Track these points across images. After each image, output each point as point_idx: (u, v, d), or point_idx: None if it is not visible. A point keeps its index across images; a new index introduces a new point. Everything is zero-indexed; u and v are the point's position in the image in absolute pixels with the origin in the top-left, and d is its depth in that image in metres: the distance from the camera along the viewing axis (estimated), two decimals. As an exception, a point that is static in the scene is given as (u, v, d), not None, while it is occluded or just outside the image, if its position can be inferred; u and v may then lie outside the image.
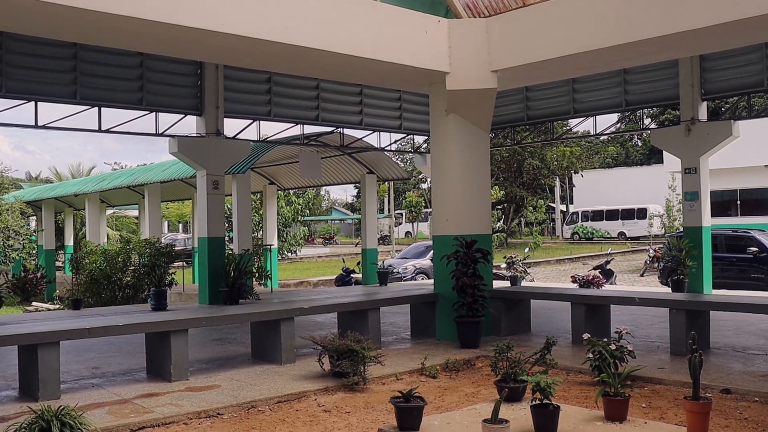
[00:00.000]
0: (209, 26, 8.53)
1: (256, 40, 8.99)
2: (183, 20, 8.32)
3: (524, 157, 44.82)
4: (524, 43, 10.60)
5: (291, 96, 17.38)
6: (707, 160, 16.32)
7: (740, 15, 8.45)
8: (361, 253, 22.51)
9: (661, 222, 41.59)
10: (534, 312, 12.25)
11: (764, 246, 20.32)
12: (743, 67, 15.58)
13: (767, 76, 15.29)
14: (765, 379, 8.08)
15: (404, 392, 5.92)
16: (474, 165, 11.58)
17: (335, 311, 10.86)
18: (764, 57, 15.17)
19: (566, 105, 18.62)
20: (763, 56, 15.17)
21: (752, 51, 15.19)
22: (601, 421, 5.93)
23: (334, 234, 68.36)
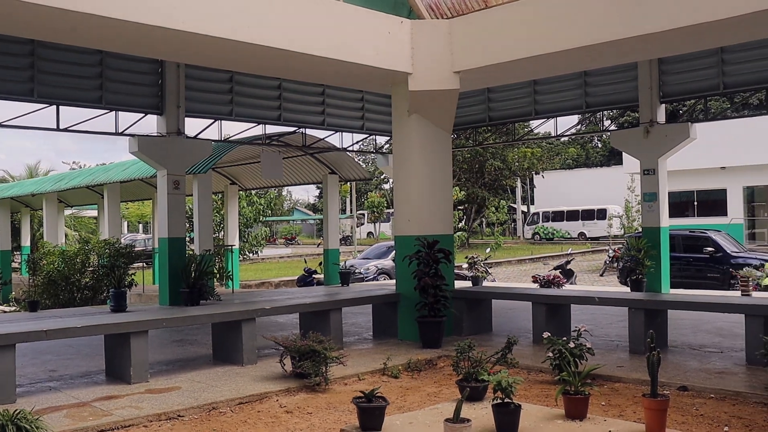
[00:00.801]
0: (170, 25, 8.44)
1: (218, 39, 8.92)
2: (143, 18, 8.22)
3: (486, 157, 45.09)
4: (486, 45, 10.66)
5: (253, 96, 17.29)
6: (665, 162, 16.55)
7: (698, 20, 8.62)
8: (323, 253, 22.45)
9: (621, 222, 42.08)
10: (495, 312, 12.32)
11: (720, 246, 20.68)
12: (700, 71, 15.83)
13: (723, 80, 15.55)
14: (720, 376, 8.22)
15: (366, 392, 5.92)
16: (436, 165, 11.61)
17: (297, 312, 10.81)
18: (720, 61, 15.43)
19: (527, 106, 18.76)
20: (720, 60, 15.43)
21: (709, 55, 15.45)
22: (561, 419, 5.98)
23: (295, 234, 68.08)
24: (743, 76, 15.41)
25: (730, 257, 20.27)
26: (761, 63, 15.00)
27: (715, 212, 33.70)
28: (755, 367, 8.46)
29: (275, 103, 17.73)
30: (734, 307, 9.75)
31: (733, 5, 8.34)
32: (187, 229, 20.26)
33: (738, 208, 33.75)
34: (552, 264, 26.82)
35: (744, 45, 14.59)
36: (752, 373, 8.34)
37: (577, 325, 7.99)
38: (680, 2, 8.72)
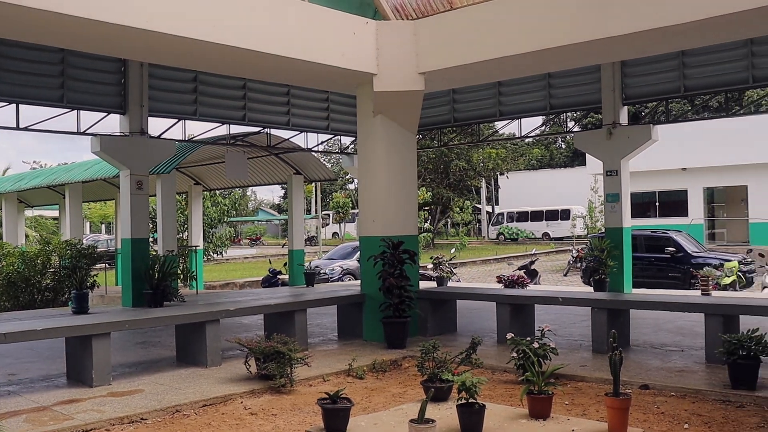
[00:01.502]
0: (134, 24, 8.34)
1: (182, 38, 8.84)
2: (106, 17, 8.11)
3: (451, 158, 45.26)
4: (451, 46, 10.70)
5: (217, 95, 17.18)
6: (628, 163, 16.76)
7: (660, 23, 8.72)
8: (288, 254, 22.37)
9: (584, 223, 42.52)
10: (460, 312, 12.36)
11: (681, 246, 20.99)
12: (662, 74, 16.05)
13: (684, 82, 15.78)
14: (681, 374, 8.34)
15: (331, 393, 5.91)
16: (401, 166, 11.63)
17: (261, 313, 10.76)
18: (681, 64, 15.67)
19: (492, 108, 18.86)
20: (681, 64, 15.66)
21: (670, 58, 15.67)
22: (525, 418, 6.03)
23: (260, 235, 67.78)
24: (703, 79, 15.66)
25: (690, 257, 20.58)
26: (720, 66, 15.26)
27: (677, 213, 34.18)
28: (714, 365, 8.59)
29: (240, 103, 17.64)
30: (694, 307, 9.91)
31: (694, 10, 8.46)
32: (151, 230, 20.07)
33: (698, 208, 34.26)
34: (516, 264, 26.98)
35: (704, 49, 14.84)
36: (711, 371, 8.46)
37: (541, 325, 8.05)
38: (643, 6, 8.83)
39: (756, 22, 8.82)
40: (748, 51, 14.78)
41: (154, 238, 21.95)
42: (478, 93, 18.91)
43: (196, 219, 24.85)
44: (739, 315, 9.17)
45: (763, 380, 7.71)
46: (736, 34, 10.69)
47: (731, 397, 7.37)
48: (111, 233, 49.80)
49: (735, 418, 6.71)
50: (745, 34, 11.85)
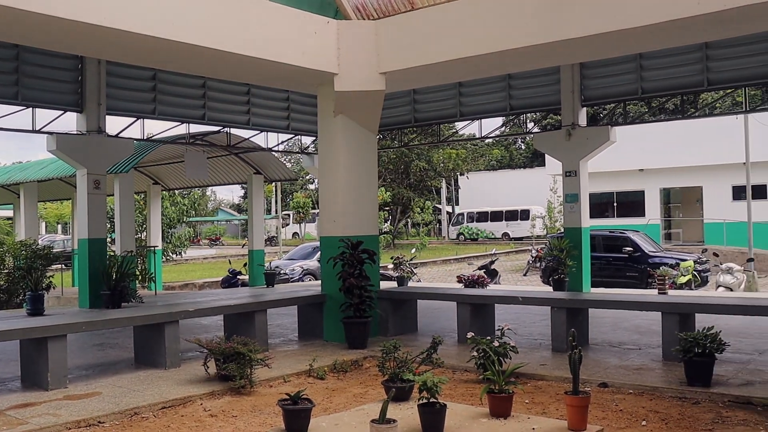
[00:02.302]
0: (91, 20, 8.21)
1: (140, 35, 8.72)
2: (62, 12, 7.96)
3: (411, 158, 45.35)
4: (412, 47, 10.71)
5: (177, 94, 17.01)
6: (586, 164, 16.95)
7: (618, 26, 8.85)
8: (248, 254, 22.24)
9: (543, 223, 42.91)
10: (421, 312, 12.39)
11: (638, 246, 21.29)
12: (620, 76, 16.27)
13: (641, 85, 16.01)
14: (638, 372, 8.44)
15: (292, 394, 5.88)
16: (361, 166, 11.62)
17: (221, 313, 10.68)
18: (639, 67, 15.89)
19: (453, 108, 18.94)
20: (638, 66, 15.88)
21: (628, 61, 15.88)
22: (486, 417, 6.05)
23: (220, 235, 67.25)
24: (660, 82, 15.90)
25: (647, 257, 20.89)
26: (677, 69, 15.51)
27: (634, 213, 34.63)
28: (671, 363, 8.71)
29: (199, 102, 17.49)
30: (651, 305, 10.08)
31: (651, 13, 8.60)
32: (108, 230, 19.80)
33: (655, 208, 34.74)
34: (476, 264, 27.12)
35: (661, 52, 15.10)
36: (668, 368, 8.58)
37: (501, 324, 8.10)
38: (601, 9, 8.94)
39: (709, 26, 8.99)
40: (703, 55, 15.04)
41: (112, 239, 21.70)
42: (438, 93, 18.97)
43: (154, 219, 24.58)
44: (695, 313, 9.33)
45: (718, 377, 7.84)
46: (691, 38, 10.89)
47: (687, 393, 7.48)
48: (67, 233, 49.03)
49: (691, 415, 6.82)
50: (699, 39, 12.08)
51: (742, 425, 6.47)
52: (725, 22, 8.72)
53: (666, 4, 8.49)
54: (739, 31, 10.53)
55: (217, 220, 75.35)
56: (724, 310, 9.43)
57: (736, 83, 15.43)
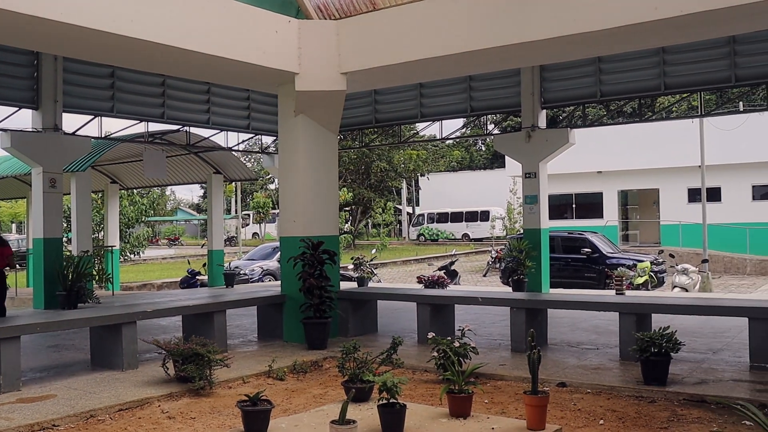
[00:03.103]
0: (47, 15, 8.04)
1: (98, 32, 8.58)
2: (17, 6, 7.80)
3: (372, 159, 45.37)
4: (374, 47, 10.71)
5: (135, 92, 16.81)
6: (546, 166, 17.11)
7: (577, 30, 8.95)
8: (207, 254, 22.08)
9: (503, 224, 43.19)
10: (381, 312, 12.39)
11: (596, 247, 21.54)
12: (579, 79, 16.46)
13: (600, 88, 16.21)
14: (596, 371, 8.53)
15: (251, 395, 5.84)
16: (322, 166, 11.58)
17: (180, 314, 10.57)
18: (598, 71, 16.09)
19: (414, 109, 18.99)
20: (597, 70, 16.08)
21: (587, 64, 16.07)
22: (446, 417, 6.07)
23: (179, 235, 66.66)
24: (618, 86, 16.12)
25: (605, 258, 21.14)
26: (635, 73, 15.74)
27: (592, 214, 35.00)
28: (628, 362, 8.81)
29: (159, 100, 17.30)
30: (609, 306, 10.20)
31: (610, 18, 8.71)
32: (65, 230, 19.52)
33: (613, 210, 35.16)
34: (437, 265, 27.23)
35: (619, 56, 15.31)
36: (625, 368, 8.69)
37: (461, 324, 8.12)
38: (561, 13, 9.02)
39: (666, 31, 9.15)
40: (660, 59, 15.28)
41: (68, 238, 21.36)
42: (399, 94, 19.01)
43: (112, 218, 24.26)
44: (651, 313, 9.46)
45: (674, 376, 7.96)
46: (649, 42, 11.03)
47: (644, 392, 7.58)
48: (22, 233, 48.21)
49: (647, 413, 6.91)
50: (657, 43, 12.24)
51: (697, 423, 6.58)
52: (681, 27, 8.87)
53: (624, 9, 8.61)
54: (695, 36, 10.73)
55: (177, 219, 74.65)
56: (680, 310, 9.61)
57: (691, 88, 15.72)
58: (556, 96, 17.01)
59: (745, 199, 31.54)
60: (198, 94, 18.14)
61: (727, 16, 8.36)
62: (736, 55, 14.57)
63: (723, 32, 11.30)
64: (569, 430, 6.41)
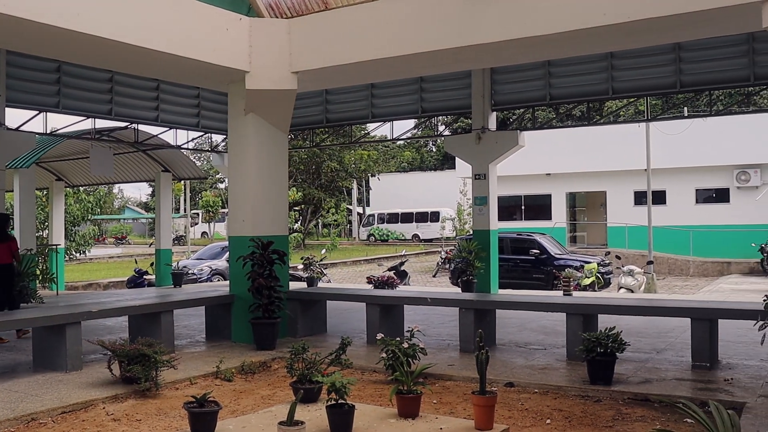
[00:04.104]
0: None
1: (44, 25, 8.39)
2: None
3: (323, 159, 45.25)
4: (325, 47, 10.68)
5: (82, 87, 16.48)
6: (495, 167, 17.25)
7: (528, 33, 9.06)
8: (155, 253, 21.82)
9: (453, 225, 43.40)
10: (330, 313, 12.36)
11: (545, 248, 21.80)
12: (529, 82, 16.63)
13: (550, 91, 16.39)
14: (544, 371, 8.63)
15: (198, 397, 5.78)
16: (272, 165, 11.51)
17: (126, 314, 10.41)
18: (548, 74, 16.27)
19: (365, 109, 18.98)
20: (547, 73, 16.27)
21: (537, 68, 16.25)
22: (394, 418, 6.08)
23: (126, 234, 65.70)
24: (567, 89, 16.33)
25: (553, 259, 21.41)
26: (583, 78, 15.96)
27: (541, 216, 35.36)
28: (575, 362, 8.92)
29: (106, 97, 17.00)
30: (556, 306, 10.32)
31: (560, 22, 8.84)
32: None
33: (561, 212, 35.59)
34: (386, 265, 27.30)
35: (569, 60, 15.52)
36: (572, 368, 8.80)
37: (411, 325, 8.14)
38: (513, 16, 9.11)
39: (615, 37, 9.32)
40: (608, 64, 15.52)
41: (11, 236, 20.86)
42: (351, 94, 18.99)
43: (57, 216, 23.82)
44: (598, 314, 9.60)
45: (619, 375, 8.08)
46: (597, 47, 11.25)
47: (590, 392, 7.69)
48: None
49: (593, 412, 7.01)
50: (606, 48, 12.48)
51: (641, 421, 6.69)
52: (629, 33, 9.04)
53: (574, 14, 8.75)
54: (642, 42, 10.93)
55: (124, 218, 73.59)
56: (625, 310, 9.77)
57: (638, 93, 15.99)
58: (506, 98, 17.16)
59: (689, 202, 32.21)
60: (147, 91, 17.87)
61: (673, 23, 8.56)
62: (681, 62, 14.87)
63: (669, 39, 11.54)
64: (516, 429, 6.47)
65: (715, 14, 8.20)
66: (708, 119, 23.40)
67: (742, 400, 7.00)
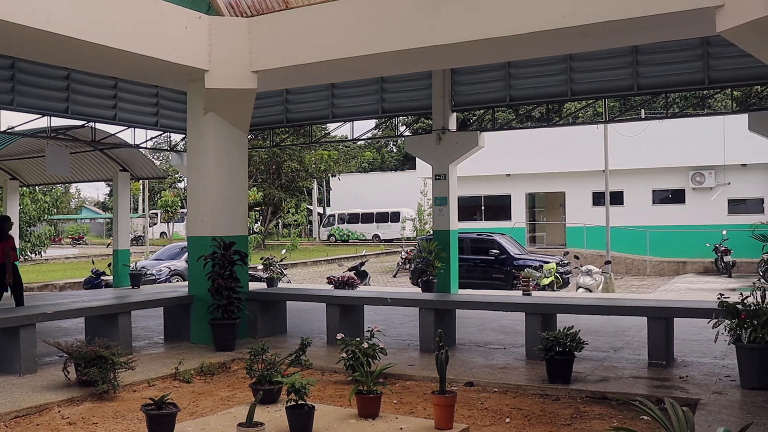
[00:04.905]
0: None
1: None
2: None
3: (283, 159, 45.08)
4: (285, 46, 10.64)
5: (38, 85, 16.19)
6: (455, 168, 17.32)
7: (489, 34, 9.13)
8: (113, 254, 21.54)
9: (413, 225, 43.51)
10: (290, 313, 12.31)
11: (504, 248, 21.95)
12: (489, 83, 16.72)
13: (510, 92, 16.50)
14: (503, 371, 8.69)
15: (156, 399, 5.72)
16: (231, 165, 11.43)
17: (82, 316, 10.25)
18: (508, 75, 16.37)
19: (325, 109, 18.93)
20: (507, 74, 16.36)
21: (498, 69, 16.33)
22: (355, 418, 6.08)
23: (83, 234, 64.78)
24: (527, 91, 16.45)
25: (513, 259, 21.57)
26: (543, 79, 16.09)
27: (501, 216, 35.61)
28: (534, 362, 8.99)
29: (62, 95, 16.72)
30: (516, 306, 10.41)
31: (521, 24, 8.93)
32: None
33: (521, 212, 35.87)
34: (347, 265, 27.26)
35: (529, 62, 15.65)
36: (531, 367, 8.87)
37: (371, 325, 8.14)
38: (474, 17, 9.16)
39: (574, 39, 9.44)
40: (567, 66, 15.67)
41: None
42: (311, 94, 18.92)
43: (12, 216, 23.38)
44: (556, 313, 9.70)
45: (577, 374, 8.17)
46: (557, 49, 11.35)
47: (549, 391, 7.76)
48: None
49: (552, 411, 7.08)
50: (565, 50, 12.60)
51: (598, 419, 6.77)
52: (587, 35, 9.15)
53: (533, 16, 8.84)
54: (600, 44, 11.08)
55: (81, 218, 72.56)
56: (584, 310, 9.87)
57: (597, 94, 16.18)
58: (466, 99, 17.24)
59: (646, 203, 32.69)
60: (104, 89, 17.62)
61: (630, 26, 8.69)
62: (639, 65, 15.07)
63: (627, 42, 11.69)
64: (476, 428, 6.51)
65: (671, 18, 8.35)
66: (664, 121, 23.74)
67: (696, 397, 7.13)
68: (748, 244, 26.30)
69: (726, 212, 31.32)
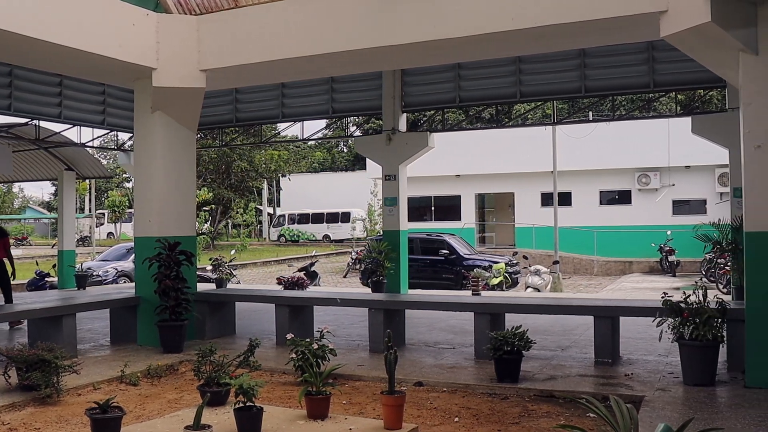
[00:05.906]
0: None
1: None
2: None
3: (233, 158, 44.71)
4: (234, 45, 10.55)
5: (-22, 82, 15.84)
6: (406, 168, 17.38)
7: (440, 35, 9.20)
8: (58, 255, 21.13)
9: (364, 225, 43.52)
10: (240, 314, 12.22)
11: (454, 248, 22.09)
12: (439, 84, 16.82)
13: (459, 94, 16.62)
14: (452, 370, 8.73)
15: (101, 402, 5.62)
16: (179, 165, 11.30)
17: (25, 318, 10.03)
18: (457, 77, 16.49)
19: (275, 109, 18.84)
20: (457, 76, 16.48)
21: (448, 70, 16.44)
22: (304, 419, 6.05)
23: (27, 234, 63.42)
24: (477, 92, 16.59)
25: (462, 259, 21.72)
26: (492, 81, 16.25)
27: (451, 217, 35.79)
28: (483, 361, 9.06)
29: (5, 91, 16.36)
30: (465, 306, 10.50)
31: (471, 25, 9.00)
32: None
33: (470, 213, 36.10)
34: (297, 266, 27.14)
35: (478, 63, 15.78)
36: (480, 366, 8.93)
37: (320, 326, 8.12)
38: (425, 19, 9.21)
39: (523, 41, 9.55)
40: (516, 68, 15.84)
41: None
42: (261, 93, 18.81)
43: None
44: (505, 313, 9.78)
45: (525, 373, 8.25)
46: (507, 50, 11.47)
47: (497, 390, 7.82)
48: None
49: (500, 409, 7.14)
50: (515, 52, 12.72)
51: (546, 417, 6.85)
52: (536, 38, 9.27)
53: (483, 18, 8.94)
54: (549, 47, 11.23)
55: (25, 218, 70.99)
56: (532, 309, 9.99)
57: (545, 96, 16.41)
58: (416, 100, 17.31)
59: (593, 203, 33.18)
60: (49, 86, 17.27)
61: (578, 29, 8.83)
62: (586, 68, 15.30)
63: (575, 45, 11.86)
64: (426, 428, 6.53)
65: (617, 22, 8.51)
66: (611, 123, 24.16)
67: (641, 394, 7.26)
68: (691, 244, 26.68)
69: (671, 213, 31.94)
